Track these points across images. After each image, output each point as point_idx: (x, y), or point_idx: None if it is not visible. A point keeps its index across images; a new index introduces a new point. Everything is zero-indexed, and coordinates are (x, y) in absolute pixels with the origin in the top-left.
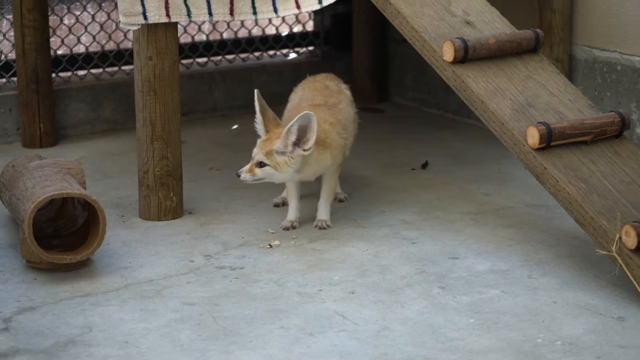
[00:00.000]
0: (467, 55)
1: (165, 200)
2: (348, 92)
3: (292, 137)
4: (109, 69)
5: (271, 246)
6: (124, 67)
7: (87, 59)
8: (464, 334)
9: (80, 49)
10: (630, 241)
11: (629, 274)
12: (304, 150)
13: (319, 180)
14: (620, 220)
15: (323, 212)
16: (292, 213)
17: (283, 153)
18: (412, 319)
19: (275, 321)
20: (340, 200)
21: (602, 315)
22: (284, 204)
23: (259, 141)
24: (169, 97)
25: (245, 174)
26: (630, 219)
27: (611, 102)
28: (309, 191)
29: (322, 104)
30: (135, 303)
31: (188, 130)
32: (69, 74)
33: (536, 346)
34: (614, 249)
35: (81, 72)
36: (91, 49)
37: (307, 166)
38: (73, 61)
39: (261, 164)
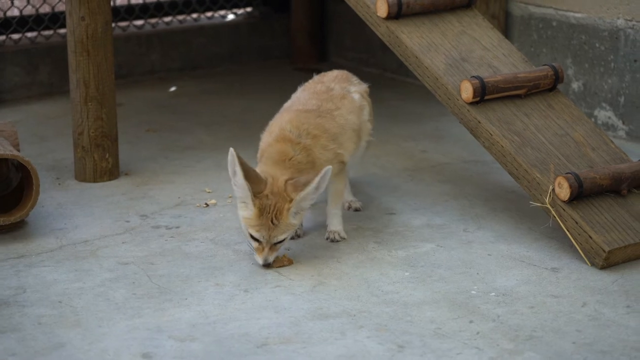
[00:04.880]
0: (400, 11)
1: (100, 162)
2: (357, 97)
3: (312, 197)
4: (44, 32)
5: (207, 205)
6: (59, 30)
7: (22, 22)
8: (398, 287)
9: (14, 12)
10: (563, 193)
11: (562, 225)
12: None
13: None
14: (553, 172)
15: (334, 222)
16: None
17: (297, 213)
18: (348, 273)
19: (211, 278)
20: (356, 209)
21: (536, 267)
22: None
23: (252, 219)
24: (103, 57)
25: (271, 257)
26: (563, 171)
27: (547, 58)
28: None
29: (312, 109)
30: (69, 264)
31: (125, 92)
32: (3, 37)
33: (470, 297)
34: (547, 200)
35: (16, 36)
36: (25, 12)
37: None
38: (7, 25)
39: (283, 240)
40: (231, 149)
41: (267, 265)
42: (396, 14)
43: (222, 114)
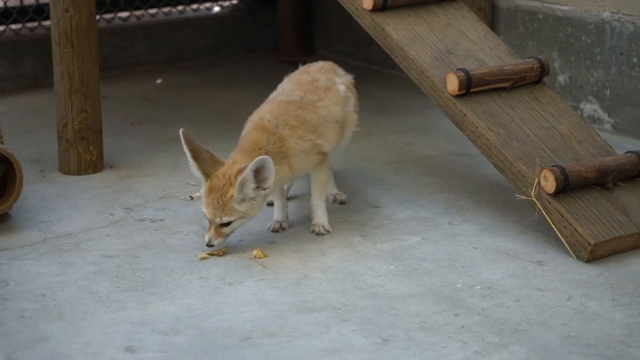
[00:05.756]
0: (386, 3)
1: (85, 154)
2: (342, 88)
3: (250, 185)
4: (28, 24)
5: (192, 198)
6: (44, 22)
7: (6, 14)
8: (383, 281)
9: None
10: (549, 185)
11: (547, 218)
12: (264, 189)
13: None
14: (539, 165)
15: (318, 214)
16: (278, 212)
17: (243, 200)
18: (333, 267)
19: (195, 272)
20: (341, 202)
21: (522, 260)
22: (270, 204)
23: (203, 196)
24: (87, 49)
25: (216, 241)
26: (549, 164)
27: (533, 50)
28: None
29: (295, 100)
30: (53, 257)
31: (111, 85)
32: None
33: (455, 291)
34: (532, 193)
35: (0, 28)
36: (10, 4)
37: (291, 170)
38: None
39: (228, 223)
40: (181, 130)
41: (209, 246)
42: (382, 6)
43: (207, 106)
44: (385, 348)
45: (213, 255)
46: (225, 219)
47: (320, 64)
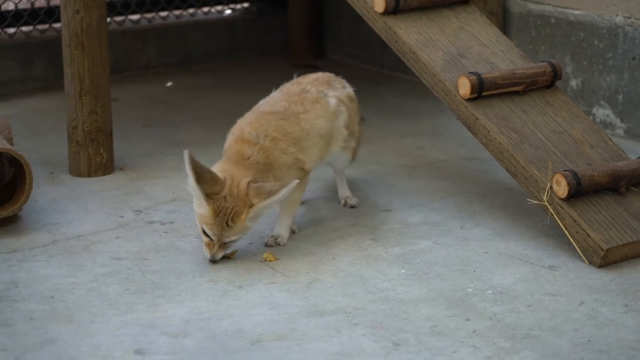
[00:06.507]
0: (398, 6)
1: (95, 156)
2: (333, 102)
3: (267, 211)
4: (39, 27)
5: None
6: (54, 25)
7: (17, 16)
8: (394, 285)
9: (10, 6)
10: (561, 190)
11: (560, 223)
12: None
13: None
14: (551, 169)
15: (280, 227)
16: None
17: (254, 218)
18: (343, 270)
19: (205, 274)
20: (352, 206)
21: (534, 265)
22: None
23: (208, 218)
24: (97, 51)
25: (219, 255)
26: (561, 169)
27: (545, 55)
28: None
29: (278, 111)
30: (62, 259)
31: (121, 87)
32: None
33: (467, 295)
34: (545, 198)
35: (11, 30)
36: (21, 6)
37: None
38: (2, 18)
39: (233, 241)
40: (185, 152)
41: (213, 262)
42: (393, 9)
43: (218, 109)
44: (395, 352)
45: (226, 258)
46: (234, 238)
47: (317, 75)
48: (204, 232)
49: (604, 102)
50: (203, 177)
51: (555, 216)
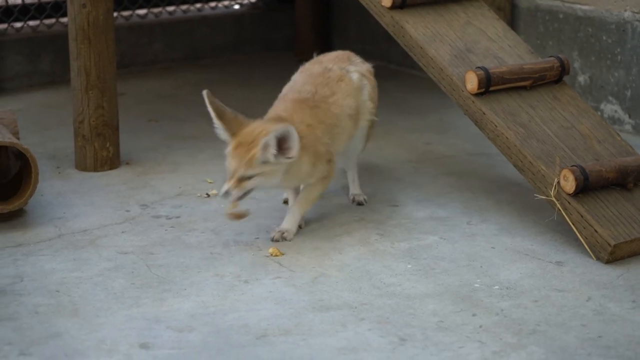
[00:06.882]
0: (405, 1)
1: (101, 151)
2: (356, 77)
3: (272, 150)
4: (46, 21)
5: (209, 195)
6: (61, 19)
7: (24, 11)
8: (401, 280)
9: (17, 0)
10: (569, 185)
11: (567, 218)
12: (288, 158)
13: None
14: (558, 164)
15: (289, 220)
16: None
17: (266, 162)
18: (350, 265)
19: (210, 269)
20: (359, 203)
21: (540, 260)
22: (286, 202)
23: (229, 150)
24: (104, 45)
25: (234, 191)
26: (568, 164)
27: (553, 50)
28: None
29: (307, 98)
30: (68, 253)
31: (128, 82)
32: (5, 26)
33: (473, 291)
34: (552, 193)
35: (18, 24)
36: (28, 0)
37: (285, 173)
38: (9, 13)
39: (248, 177)
40: (204, 92)
41: (226, 196)
42: (401, 4)
43: (224, 104)
44: (402, 347)
45: (237, 216)
46: (248, 173)
47: (336, 53)
48: (227, 169)
49: (612, 98)
50: (225, 115)
51: (563, 212)
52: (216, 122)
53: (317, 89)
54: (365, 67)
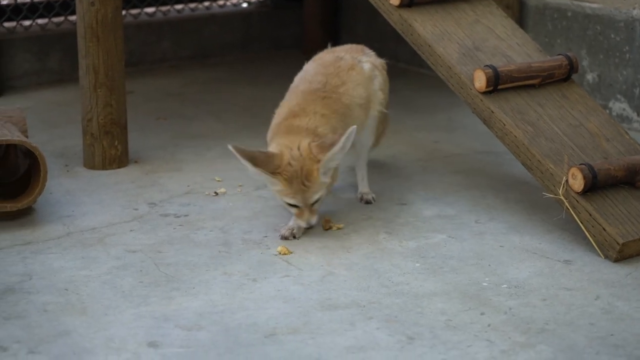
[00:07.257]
0: None
1: (109, 149)
2: (367, 67)
3: (339, 155)
4: (55, 19)
5: (217, 194)
6: (70, 17)
7: (33, 9)
8: (409, 278)
9: None
10: (577, 184)
11: (575, 217)
12: (336, 156)
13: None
14: (567, 163)
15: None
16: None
17: (326, 172)
18: (358, 264)
19: (219, 267)
20: (367, 202)
21: (549, 259)
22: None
23: (285, 189)
24: (112, 43)
25: (313, 219)
26: (577, 162)
27: (562, 48)
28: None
29: (318, 88)
30: (76, 251)
31: (136, 80)
32: (13, 24)
33: (482, 289)
34: (560, 192)
35: (26, 22)
36: None
37: None
38: (18, 11)
39: (318, 199)
40: (229, 146)
41: (310, 227)
42: (409, 2)
43: (232, 102)
44: (410, 346)
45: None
46: (316, 197)
47: (350, 45)
48: (290, 205)
49: (621, 96)
50: (258, 159)
51: (571, 210)
52: (253, 170)
53: (327, 79)
54: (379, 61)
